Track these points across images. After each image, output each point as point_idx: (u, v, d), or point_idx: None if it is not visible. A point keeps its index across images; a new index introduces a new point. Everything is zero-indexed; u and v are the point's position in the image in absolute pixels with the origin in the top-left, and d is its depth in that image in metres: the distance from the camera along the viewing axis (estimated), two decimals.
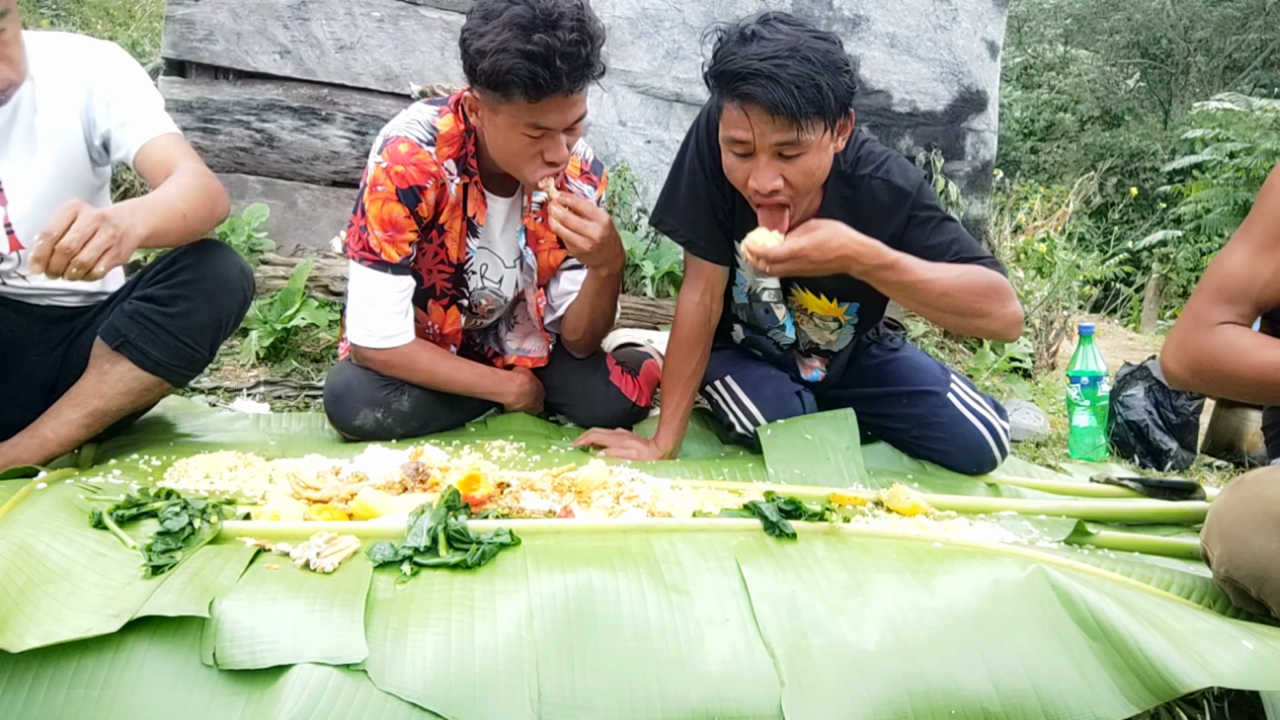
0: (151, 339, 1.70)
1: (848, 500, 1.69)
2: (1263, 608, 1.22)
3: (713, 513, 1.53)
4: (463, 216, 2.02)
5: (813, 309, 2.07)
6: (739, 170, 1.74)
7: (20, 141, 1.70)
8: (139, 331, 1.69)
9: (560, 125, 1.80)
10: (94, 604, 1.10)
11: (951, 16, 3.81)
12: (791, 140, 1.65)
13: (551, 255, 2.15)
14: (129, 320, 1.70)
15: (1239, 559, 1.25)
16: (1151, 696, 1.09)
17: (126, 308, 1.71)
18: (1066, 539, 1.60)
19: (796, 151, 1.67)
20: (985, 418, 2.09)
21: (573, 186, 2.10)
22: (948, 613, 1.20)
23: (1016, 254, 4.48)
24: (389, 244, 1.93)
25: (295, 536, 1.30)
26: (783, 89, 1.59)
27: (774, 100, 1.60)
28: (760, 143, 1.67)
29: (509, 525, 1.35)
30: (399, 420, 2.03)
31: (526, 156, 1.83)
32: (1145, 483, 1.99)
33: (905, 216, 1.85)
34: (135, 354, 1.70)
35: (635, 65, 3.38)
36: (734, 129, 1.68)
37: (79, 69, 1.74)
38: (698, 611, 1.20)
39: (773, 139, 1.66)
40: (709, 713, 1.08)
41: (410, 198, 1.91)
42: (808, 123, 1.63)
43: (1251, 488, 1.33)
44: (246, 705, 1.02)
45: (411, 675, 1.05)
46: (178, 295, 1.71)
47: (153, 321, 1.69)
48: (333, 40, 3.20)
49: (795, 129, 1.63)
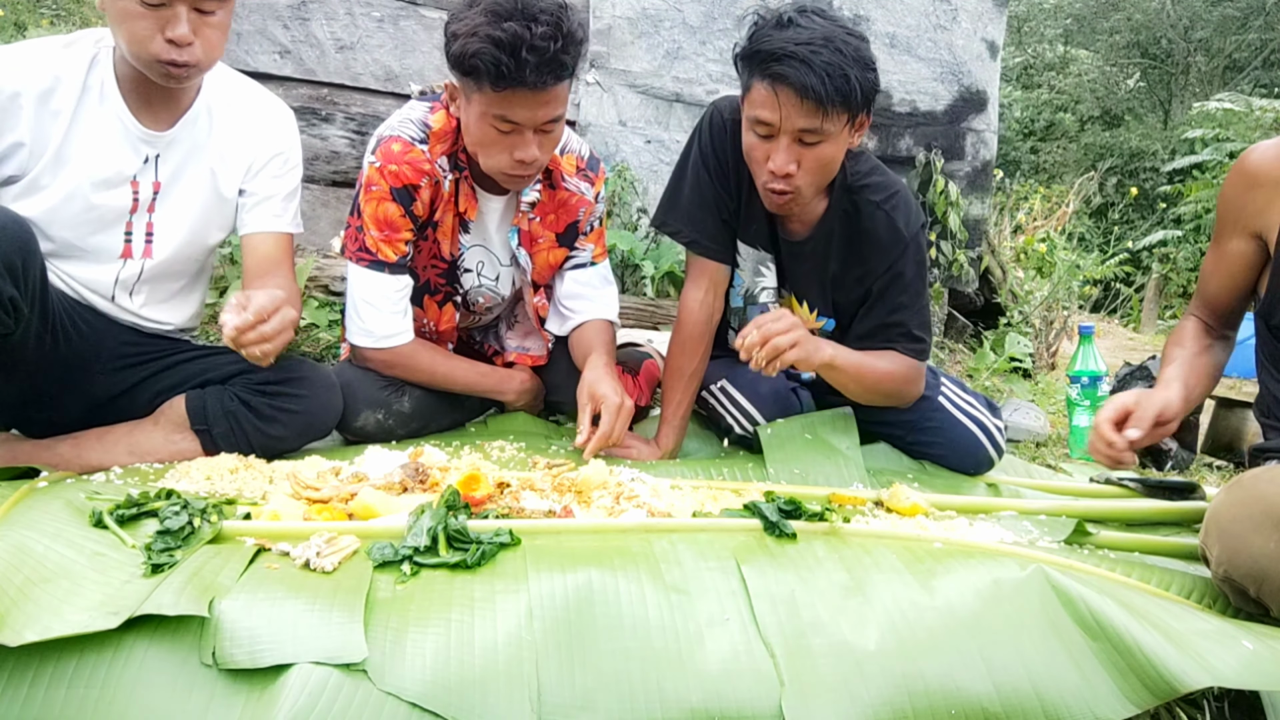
0: (232, 441, 1.76)
1: (848, 500, 1.69)
2: (1262, 607, 1.22)
3: (712, 513, 1.53)
4: (454, 212, 2.02)
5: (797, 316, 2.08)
6: (758, 151, 1.78)
7: (189, 155, 1.75)
8: (224, 429, 1.75)
9: (529, 123, 1.78)
10: (93, 602, 1.09)
11: (951, 16, 3.81)
12: (814, 128, 1.70)
13: (550, 254, 2.15)
14: (221, 415, 1.75)
15: (1238, 559, 1.25)
16: (1151, 696, 1.09)
17: (226, 404, 1.76)
18: (1066, 539, 1.60)
19: (817, 139, 1.72)
20: (978, 418, 2.10)
21: (569, 184, 2.09)
22: (948, 613, 1.20)
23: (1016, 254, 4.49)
24: (385, 243, 1.93)
25: (295, 536, 1.30)
26: (815, 75, 1.64)
27: (805, 84, 1.65)
28: (785, 125, 1.71)
29: (509, 525, 1.35)
30: (400, 421, 2.03)
31: (496, 150, 1.82)
32: (1145, 483, 1.99)
33: (891, 263, 1.92)
34: (209, 443, 1.76)
35: (635, 65, 3.39)
36: (761, 109, 1.72)
37: (265, 125, 1.82)
38: (698, 611, 1.20)
39: (797, 123, 1.70)
40: (709, 712, 1.08)
41: (405, 196, 1.91)
42: (833, 111, 1.68)
43: (1249, 488, 1.33)
44: (246, 705, 1.02)
45: (411, 675, 1.05)
46: (276, 419, 1.79)
47: (242, 429, 1.76)
48: (333, 40, 3.21)
49: (820, 116, 1.68)
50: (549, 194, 2.09)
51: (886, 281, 1.93)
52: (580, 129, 3.42)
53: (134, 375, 1.79)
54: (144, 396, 1.78)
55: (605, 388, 1.90)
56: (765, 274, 2.07)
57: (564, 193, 2.08)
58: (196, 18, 1.55)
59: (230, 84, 1.81)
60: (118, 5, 1.53)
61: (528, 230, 2.10)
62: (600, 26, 3.32)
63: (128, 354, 1.79)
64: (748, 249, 2.06)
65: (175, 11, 1.53)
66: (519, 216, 2.06)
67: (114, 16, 1.55)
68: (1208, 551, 1.36)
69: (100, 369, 1.76)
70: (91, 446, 1.72)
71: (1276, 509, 1.25)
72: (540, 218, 2.10)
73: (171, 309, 1.84)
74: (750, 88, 1.75)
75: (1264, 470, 1.39)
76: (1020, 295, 4.10)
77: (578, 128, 3.42)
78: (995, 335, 3.77)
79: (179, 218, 1.76)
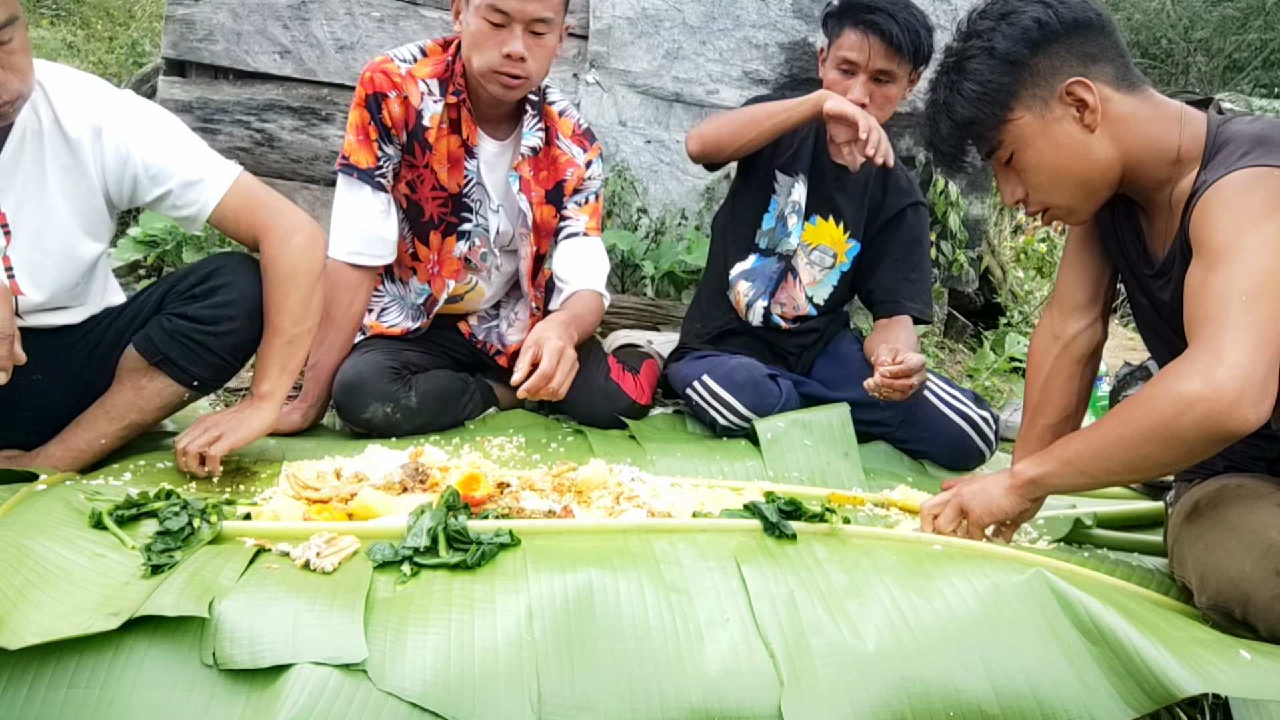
0: (193, 357, 1.71)
1: (847, 500, 1.70)
2: (1250, 629, 1.23)
3: (712, 513, 1.53)
4: (458, 139, 2.05)
5: (822, 239, 2.34)
6: (839, 86, 2.13)
7: (28, 178, 1.60)
8: (179, 350, 1.70)
9: (520, 15, 1.86)
10: (93, 603, 1.10)
11: (951, 16, 3.80)
12: (889, 70, 2.10)
13: (540, 210, 2.18)
14: (168, 338, 1.70)
15: (1219, 586, 1.25)
16: (1150, 701, 1.10)
17: (166, 325, 1.70)
18: (1065, 538, 1.60)
19: (887, 80, 2.11)
20: (964, 411, 2.12)
21: (562, 144, 2.14)
22: (947, 615, 1.20)
23: (1016, 254, 4.49)
24: (358, 147, 2.01)
25: (295, 536, 1.30)
26: (899, 26, 2.05)
27: (890, 31, 2.05)
28: (867, 65, 2.09)
29: (509, 525, 1.35)
30: (407, 416, 2.04)
31: (488, 46, 1.89)
32: (1145, 482, 1.99)
33: (904, 207, 2.33)
34: (175, 371, 1.71)
35: (635, 65, 3.38)
36: (850, 50, 2.10)
37: (95, 113, 1.62)
38: (698, 611, 1.20)
39: (877, 64, 2.09)
40: (708, 713, 1.08)
41: (374, 103, 1.99)
42: (904, 60, 2.09)
43: (1210, 516, 1.35)
44: (246, 705, 1.02)
45: (411, 675, 1.05)
46: (220, 315, 1.71)
47: (194, 340, 1.70)
48: (333, 40, 3.20)
49: (896, 60, 2.08)
50: (545, 150, 2.13)
51: (907, 243, 2.32)
52: None
53: (71, 359, 1.73)
54: (104, 376, 1.72)
55: (548, 332, 1.91)
56: (794, 191, 2.30)
57: (557, 150, 2.15)
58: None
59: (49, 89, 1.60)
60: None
61: (527, 179, 2.13)
62: (600, 26, 3.32)
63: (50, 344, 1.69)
64: (784, 176, 2.31)
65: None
66: (520, 162, 2.10)
67: None
68: (1186, 583, 1.36)
69: (37, 370, 1.64)
70: (75, 434, 1.69)
71: (1247, 532, 1.26)
72: (535, 173, 2.14)
73: (69, 314, 1.73)
74: (840, 33, 2.12)
75: (1214, 493, 1.40)
76: (1020, 295, 4.10)
77: None
78: (995, 335, 3.77)
79: (36, 247, 1.61)
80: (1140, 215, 1.48)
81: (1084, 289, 1.64)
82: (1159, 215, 1.43)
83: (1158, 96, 1.40)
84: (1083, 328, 1.65)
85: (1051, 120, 1.38)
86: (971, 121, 1.43)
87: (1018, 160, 1.44)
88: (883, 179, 2.33)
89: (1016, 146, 1.42)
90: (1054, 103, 1.37)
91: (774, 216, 2.35)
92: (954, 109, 1.45)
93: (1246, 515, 1.30)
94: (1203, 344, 1.21)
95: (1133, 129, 1.37)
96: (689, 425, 2.24)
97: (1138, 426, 1.25)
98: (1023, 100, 1.39)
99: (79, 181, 1.63)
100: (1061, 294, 1.67)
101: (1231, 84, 9.92)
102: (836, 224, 2.33)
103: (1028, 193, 1.46)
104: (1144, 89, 1.39)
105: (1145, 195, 1.44)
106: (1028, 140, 1.41)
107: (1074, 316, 1.65)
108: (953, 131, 1.47)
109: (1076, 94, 1.36)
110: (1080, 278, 1.65)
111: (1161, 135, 1.37)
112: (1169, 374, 1.24)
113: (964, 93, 1.42)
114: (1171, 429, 1.21)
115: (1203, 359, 1.19)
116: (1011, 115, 1.40)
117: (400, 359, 2.12)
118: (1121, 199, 1.49)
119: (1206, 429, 1.18)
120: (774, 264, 2.34)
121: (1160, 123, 1.37)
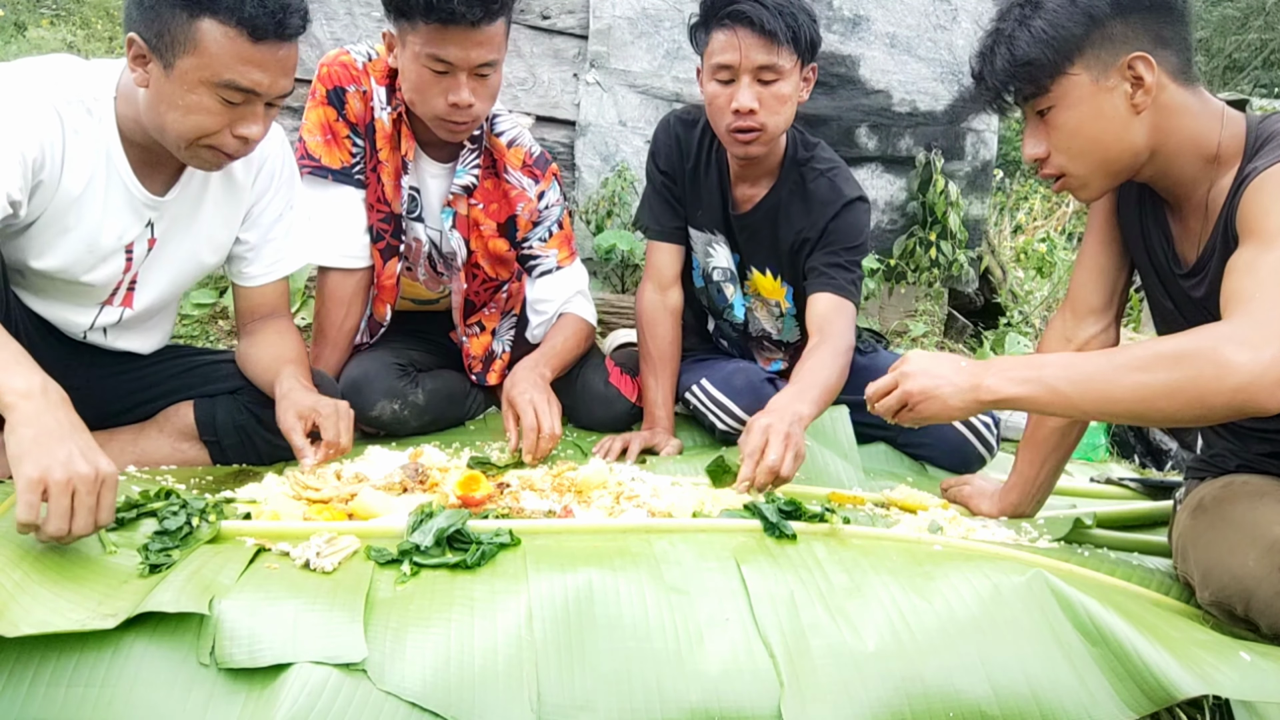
0: (242, 451, 1.76)
1: (847, 500, 1.70)
2: (1252, 626, 1.22)
3: (712, 513, 1.53)
4: (396, 150, 2.01)
5: (762, 290, 2.21)
6: (721, 98, 1.91)
7: (182, 221, 1.66)
8: (235, 442, 1.75)
9: (462, 63, 1.79)
10: (92, 600, 1.09)
11: (951, 16, 3.81)
12: (770, 65, 1.86)
13: (492, 243, 2.14)
14: (232, 429, 1.74)
15: (1221, 582, 1.25)
16: (1149, 702, 1.09)
17: (236, 417, 1.74)
18: (1065, 538, 1.60)
19: (773, 77, 1.88)
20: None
21: (511, 178, 2.09)
22: (947, 616, 1.20)
23: (1016, 254, 4.50)
24: (326, 147, 1.96)
25: (295, 536, 1.30)
26: (767, 11, 1.83)
27: (759, 18, 1.82)
28: (744, 64, 1.87)
29: (509, 525, 1.35)
30: (414, 413, 2.03)
31: (432, 94, 1.84)
32: (1145, 483, 1.99)
33: (831, 215, 2.04)
34: (217, 453, 1.76)
35: (635, 65, 3.39)
36: (721, 54, 1.88)
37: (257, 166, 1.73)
38: (698, 611, 1.20)
39: (755, 59, 1.86)
40: (708, 713, 1.08)
41: (336, 98, 1.95)
42: (784, 49, 1.85)
43: (1215, 511, 1.34)
44: (245, 704, 1.02)
45: (411, 675, 1.05)
46: None
47: (252, 442, 1.76)
48: (333, 40, 3.20)
49: (774, 50, 1.85)
50: (493, 181, 2.09)
51: (827, 236, 2.05)
52: (580, 129, 3.42)
53: (123, 390, 1.75)
54: (141, 411, 1.76)
55: (521, 386, 1.89)
56: (714, 253, 2.19)
57: (506, 184, 2.09)
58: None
59: None
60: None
61: (466, 215, 2.09)
62: (600, 26, 3.32)
63: (109, 363, 1.74)
64: (697, 233, 2.18)
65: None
66: (455, 199, 2.06)
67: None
68: (1189, 579, 1.36)
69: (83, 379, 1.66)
70: None
71: (1250, 528, 1.26)
72: (484, 205, 2.10)
73: (141, 340, 1.78)
74: (709, 40, 1.91)
75: (1220, 490, 1.39)
76: (1020, 295, 4.11)
77: (578, 128, 3.42)
78: (995, 335, 3.77)
79: (164, 271, 1.69)
80: (1169, 216, 1.46)
81: (1100, 292, 1.62)
82: (1192, 215, 1.41)
83: (1207, 95, 1.37)
84: (1097, 331, 1.62)
85: (1104, 88, 1.34)
86: (1030, 62, 1.36)
87: (1055, 117, 1.38)
88: (805, 206, 2.08)
89: (1061, 102, 1.37)
90: (1113, 71, 1.33)
91: (700, 275, 2.25)
92: (1017, 43, 1.38)
93: (1250, 511, 1.29)
94: (1253, 316, 1.14)
95: (1175, 122, 1.35)
96: (690, 428, 2.23)
97: (1164, 377, 1.16)
98: (1085, 58, 1.34)
99: (223, 223, 1.72)
100: (1076, 296, 1.64)
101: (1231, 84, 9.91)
102: (773, 276, 2.19)
103: (1050, 153, 1.41)
104: (1197, 87, 1.37)
105: (1176, 194, 1.42)
106: (1075, 100, 1.36)
107: (1088, 320, 1.63)
108: (1007, 66, 1.39)
109: (1137, 70, 1.32)
110: (1097, 280, 1.62)
111: (1203, 133, 1.35)
112: (1209, 335, 1.16)
113: (1033, 29, 1.36)
114: (1202, 392, 1.13)
115: (1254, 330, 1.13)
116: (1071, 69, 1.35)
117: (405, 357, 2.11)
118: (1150, 200, 1.48)
119: (1239, 402, 1.12)
120: (733, 330, 2.33)
121: (1204, 120, 1.35)
